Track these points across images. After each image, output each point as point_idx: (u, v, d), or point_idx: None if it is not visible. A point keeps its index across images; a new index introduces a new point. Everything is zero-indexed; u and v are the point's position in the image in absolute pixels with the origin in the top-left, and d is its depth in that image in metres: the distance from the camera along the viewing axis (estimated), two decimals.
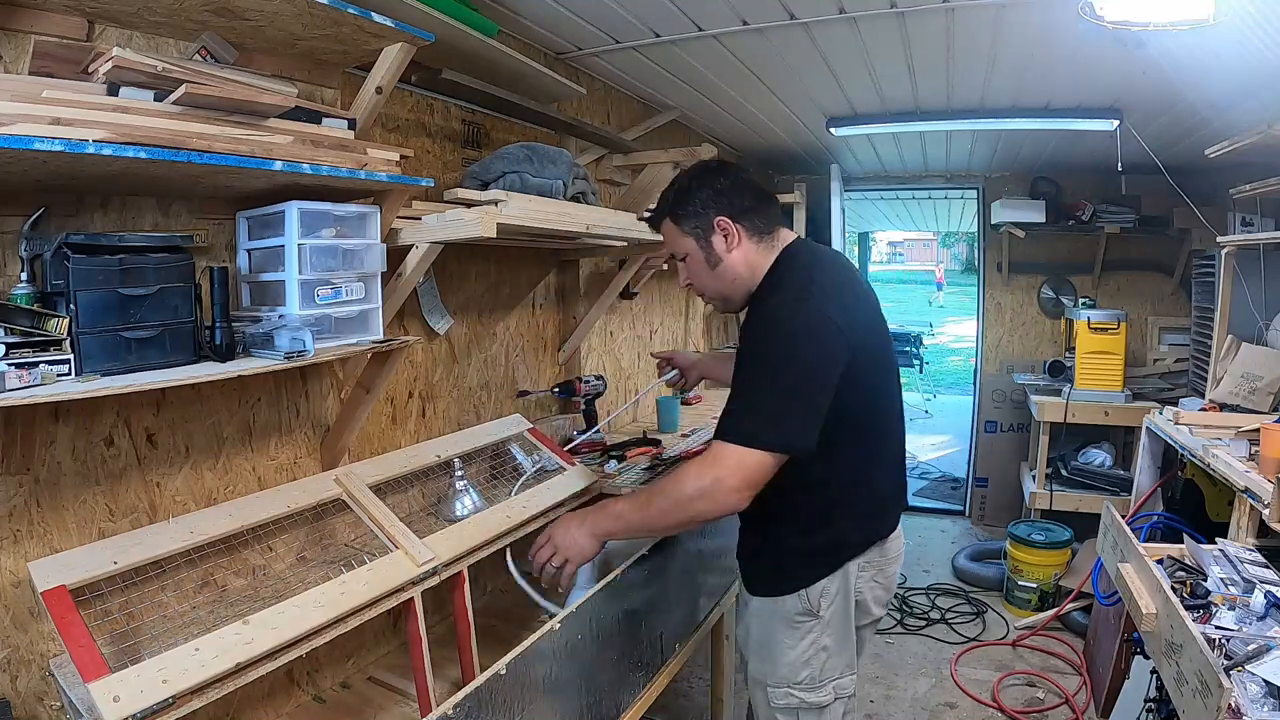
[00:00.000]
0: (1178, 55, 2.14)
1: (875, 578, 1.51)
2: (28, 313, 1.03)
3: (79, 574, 1.12)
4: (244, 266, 1.40)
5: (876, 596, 1.53)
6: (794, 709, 1.47)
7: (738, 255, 1.43)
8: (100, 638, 1.10)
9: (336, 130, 1.37)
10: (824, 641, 1.44)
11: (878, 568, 1.51)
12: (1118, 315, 3.64)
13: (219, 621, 1.18)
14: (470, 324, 2.13)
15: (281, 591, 1.29)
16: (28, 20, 1.10)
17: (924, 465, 5.91)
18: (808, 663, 1.45)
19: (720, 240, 1.43)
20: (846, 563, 1.44)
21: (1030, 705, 2.62)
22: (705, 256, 1.45)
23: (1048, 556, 3.25)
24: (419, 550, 1.46)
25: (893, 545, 1.55)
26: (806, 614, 1.43)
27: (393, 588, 1.37)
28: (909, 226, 11.25)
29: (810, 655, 1.44)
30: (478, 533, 1.63)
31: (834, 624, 1.44)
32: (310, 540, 1.55)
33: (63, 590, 1.08)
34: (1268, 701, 1.15)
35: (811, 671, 1.45)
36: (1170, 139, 3.15)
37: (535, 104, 2.11)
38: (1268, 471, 1.86)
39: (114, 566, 1.17)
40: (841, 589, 1.44)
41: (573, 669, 1.48)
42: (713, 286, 1.49)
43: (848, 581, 1.45)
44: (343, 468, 1.62)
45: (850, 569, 1.45)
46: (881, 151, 4.23)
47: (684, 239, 1.46)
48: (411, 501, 1.80)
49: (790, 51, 2.39)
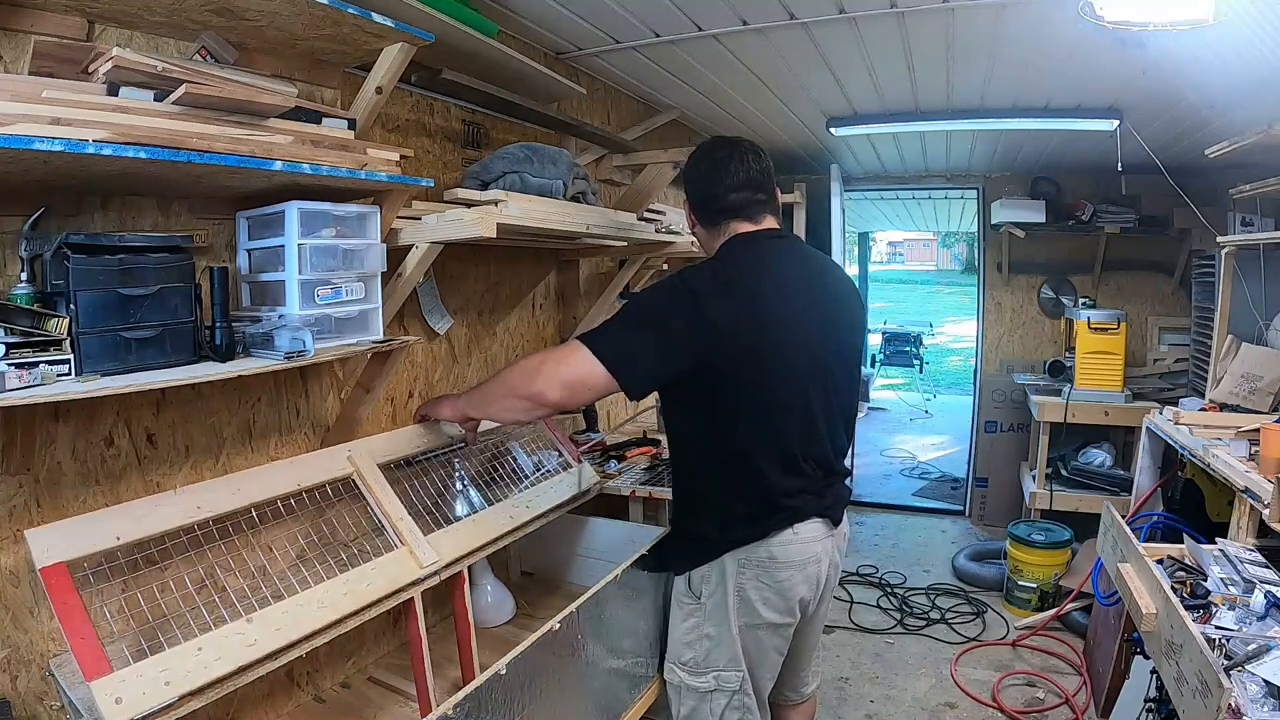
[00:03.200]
0: (1178, 55, 2.14)
1: (760, 578, 1.45)
2: (28, 313, 1.03)
3: (79, 547, 1.09)
4: (244, 266, 1.40)
5: (766, 599, 1.46)
6: (677, 686, 1.56)
7: (699, 231, 1.64)
8: (101, 627, 1.09)
9: (336, 130, 1.37)
10: (706, 629, 1.50)
11: (762, 568, 1.44)
12: (1118, 315, 3.64)
13: (221, 618, 1.17)
14: (470, 324, 2.13)
15: (284, 588, 1.29)
16: (28, 20, 1.10)
17: (924, 465, 5.90)
18: (690, 645, 1.52)
19: (690, 217, 1.65)
20: (722, 554, 1.46)
21: (1030, 705, 2.62)
22: (692, 226, 1.66)
23: (1048, 556, 3.25)
24: (424, 551, 1.46)
25: (788, 550, 1.45)
26: (689, 596, 1.53)
27: (395, 588, 1.37)
28: (909, 226, 11.25)
29: (693, 638, 1.52)
30: (481, 533, 1.63)
31: (714, 614, 1.48)
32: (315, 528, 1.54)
33: (62, 569, 1.05)
34: (1268, 701, 1.15)
35: (695, 655, 1.52)
36: (1170, 139, 3.15)
37: (535, 104, 2.11)
38: (1268, 471, 1.86)
39: (116, 542, 1.14)
40: (719, 581, 1.47)
41: (573, 669, 1.49)
42: (707, 249, 1.66)
43: (724, 574, 1.46)
44: (357, 442, 1.59)
45: (728, 562, 1.46)
46: (881, 151, 4.23)
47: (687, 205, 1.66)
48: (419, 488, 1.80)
49: (790, 51, 2.39)
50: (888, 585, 3.61)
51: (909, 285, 22.36)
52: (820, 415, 1.48)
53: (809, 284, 1.52)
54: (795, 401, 1.45)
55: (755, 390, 1.39)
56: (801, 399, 1.45)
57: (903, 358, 8.26)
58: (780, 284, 1.45)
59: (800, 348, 1.44)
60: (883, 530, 4.44)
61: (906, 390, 8.84)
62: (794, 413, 1.45)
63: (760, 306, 1.40)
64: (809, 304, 1.49)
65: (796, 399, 1.45)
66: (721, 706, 1.50)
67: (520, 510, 1.76)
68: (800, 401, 1.45)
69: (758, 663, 1.51)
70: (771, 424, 1.42)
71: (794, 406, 1.44)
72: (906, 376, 8.89)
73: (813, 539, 1.47)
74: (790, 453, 1.44)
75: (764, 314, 1.40)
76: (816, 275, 1.55)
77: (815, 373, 1.47)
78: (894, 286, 21.02)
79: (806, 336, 1.46)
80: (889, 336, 8.38)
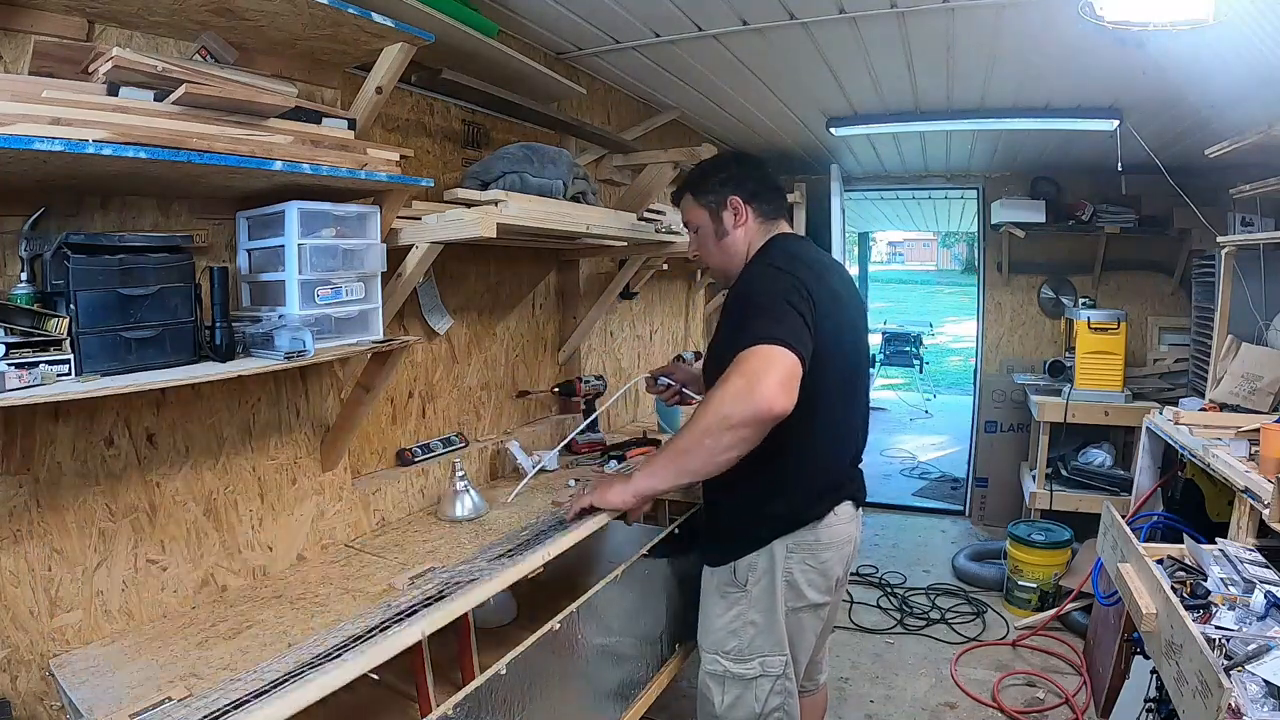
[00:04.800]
0: (1178, 55, 2.14)
1: (807, 560, 1.51)
2: (28, 313, 1.03)
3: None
4: (244, 266, 1.40)
5: (811, 580, 1.53)
6: (720, 676, 1.57)
7: (740, 233, 1.61)
8: None
9: (336, 130, 1.37)
10: (751, 616, 1.53)
11: (809, 550, 1.51)
12: (1118, 315, 3.64)
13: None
14: (470, 324, 2.13)
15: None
16: (28, 20, 1.10)
17: (924, 465, 5.90)
18: (735, 633, 1.55)
19: (730, 216, 1.61)
20: (771, 541, 1.50)
21: (1030, 705, 2.62)
22: (715, 229, 1.63)
23: (1048, 556, 3.25)
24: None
25: (831, 532, 1.53)
26: (733, 586, 1.54)
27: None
28: (909, 226, 11.25)
29: (737, 627, 1.54)
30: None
31: (761, 601, 1.52)
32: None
33: None
34: (1268, 701, 1.14)
35: (739, 643, 1.54)
36: (1170, 139, 3.15)
37: (535, 104, 2.11)
38: (1268, 471, 1.86)
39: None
40: (768, 567, 1.51)
41: (574, 668, 1.49)
42: (717, 257, 1.66)
43: (774, 560, 1.50)
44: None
45: (776, 549, 1.50)
46: (881, 151, 4.23)
47: (699, 211, 1.65)
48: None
49: (790, 51, 2.39)
50: (888, 585, 3.60)
51: (909, 285, 22.35)
52: (860, 401, 1.61)
53: (838, 286, 1.59)
54: (848, 394, 1.55)
55: (828, 376, 1.44)
56: (850, 386, 1.56)
57: (903, 358, 8.26)
58: (827, 281, 1.52)
59: (845, 343, 1.53)
60: (883, 530, 4.44)
61: (906, 390, 8.83)
62: (846, 400, 1.55)
63: (830, 304, 1.46)
64: (843, 304, 1.56)
65: (849, 392, 1.55)
66: (766, 691, 1.54)
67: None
68: (850, 389, 1.55)
69: (799, 645, 1.57)
70: (835, 412, 1.52)
71: (847, 394, 1.55)
72: (906, 376, 8.88)
73: (848, 520, 1.58)
74: (842, 438, 1.56)
75: (829, 309, 1.45)
76: (838, 280, 1.61)
77: (857, 370, 1.59)
78: (894, 286, 21.02)
79: (849, 335, 1.55)
80: (889, 336, 8.39)
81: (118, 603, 1.26)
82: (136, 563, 1.29)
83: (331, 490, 1.64)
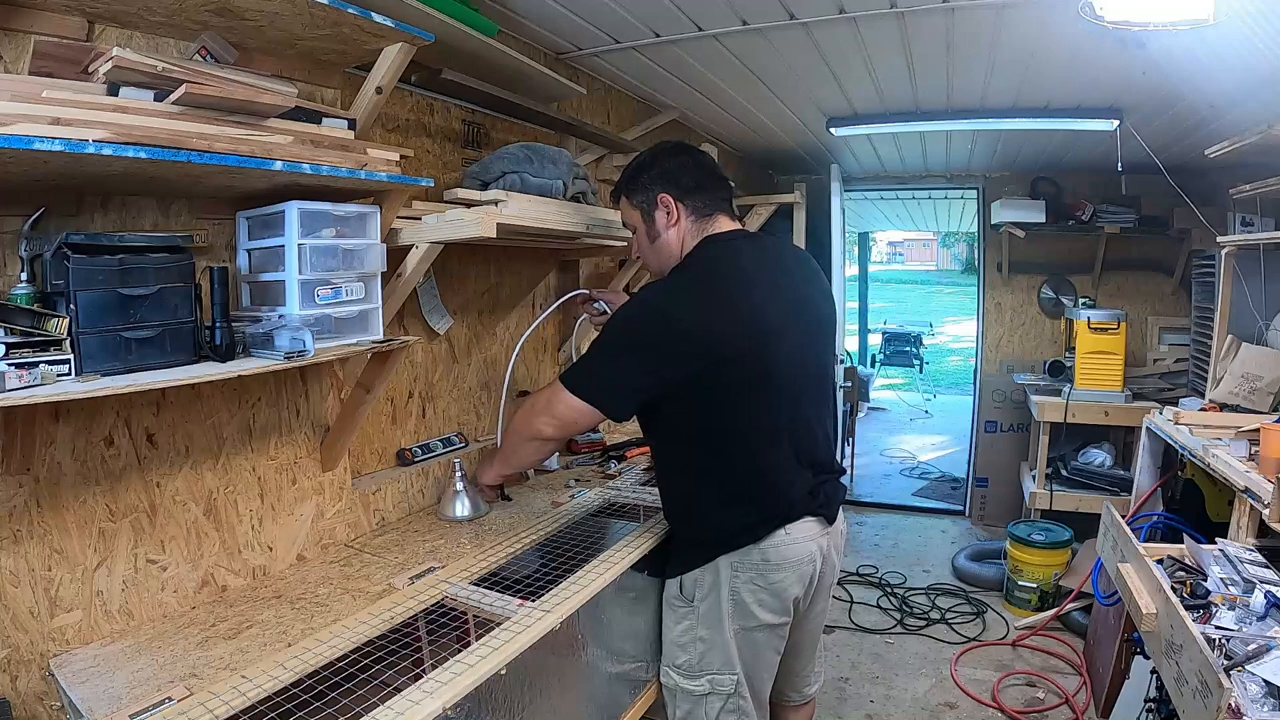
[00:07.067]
0: (1178, 55, 2.14)
1: (755, 580, 1.44)
2: (28, 313, 1.03)
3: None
4: (244, 266, 1.40)
5: (761, 601, 1.45)
6: (672, 689, 1.55)
7: (673, 234, 1.52)
8: None
9: (336, 130, 1.37)
10: (700, 632, 1.49)
11: (757, 570, 1.44)
12: (1118, 315, 3.64)
13: None
14: (470, 324, 2.13)
15: None
16: (28, 20, 1.10)
17: (924, 465, 5.90)
18: (684, 648, 1.52)
19: (662, 216, 1.52)
20: (716, 558, 1.46)
21: (1030, 705, 2.62)
22: (647, 230, 1.55)
23: (1048, 556, 3.25)
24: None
25: (781, 552, 1.44)
26: (681, 600, 1.52)
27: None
28: (909, 226, 11.23)
29: (686, 641, 1.52)
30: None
31: (708, 618, 1.48)
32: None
33: None
34: (1268, 701, 1.14)
35: (689, 658, 1.51)
36: (1170, 139, 3.15)
37: (535, 104, 2.11)
38: (1268, 471, 1.86)
39: None
40: (713, 584, 1.46)
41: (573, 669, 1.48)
42: (653, 260, 1.59)
43: (718, 578, 1.46)
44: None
45: (721, 566, 1.45)
46: (881, 151, 4.23)
47: (632, 212, 1.57)
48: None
49: (790, 51, 2.39)
50: (888, 585, 3.61)
51: (909, 285, 22.35)
52: (822, 405, 1.53)
53: (801, 279, 1.53)
54: (798, 394, 1.46)
55: (750, 393, 1.39)
56: (803, 390, 1.47)
57: (903, 358, 8.26)
58: (761, 286, 1.43)
59: (793, 340, 1.44)
60: (883, 530, 4.44)
61: (906, 390, 8.83)
62: (795, 405, 1.46)
63: (755, 304, 1.40)
64: (804, 299, 1.50)
65: (798, 390, 1.46)
66: (716, 709, 1.50)
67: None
68: (802, 393, 1.47)
69: (755, 664, 1.51)
70: (777, 416, 1.43)
71: (795, 397, 1.46)
72: (906, 376, 8.89)
73: (805, 538, 1.47)
74: (793, 445, 1.45)
75: (761, 311, 1.40)
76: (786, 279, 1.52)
77: (819, 362, 1.51)
78: (894, 286, 21.01)
79: (804, 329, 1.48)
80: (889, 336, 8.39)
81: (118, 603, 1.26)
82: (136, 563, 1.29)
83: (331, 490, 1.64)
